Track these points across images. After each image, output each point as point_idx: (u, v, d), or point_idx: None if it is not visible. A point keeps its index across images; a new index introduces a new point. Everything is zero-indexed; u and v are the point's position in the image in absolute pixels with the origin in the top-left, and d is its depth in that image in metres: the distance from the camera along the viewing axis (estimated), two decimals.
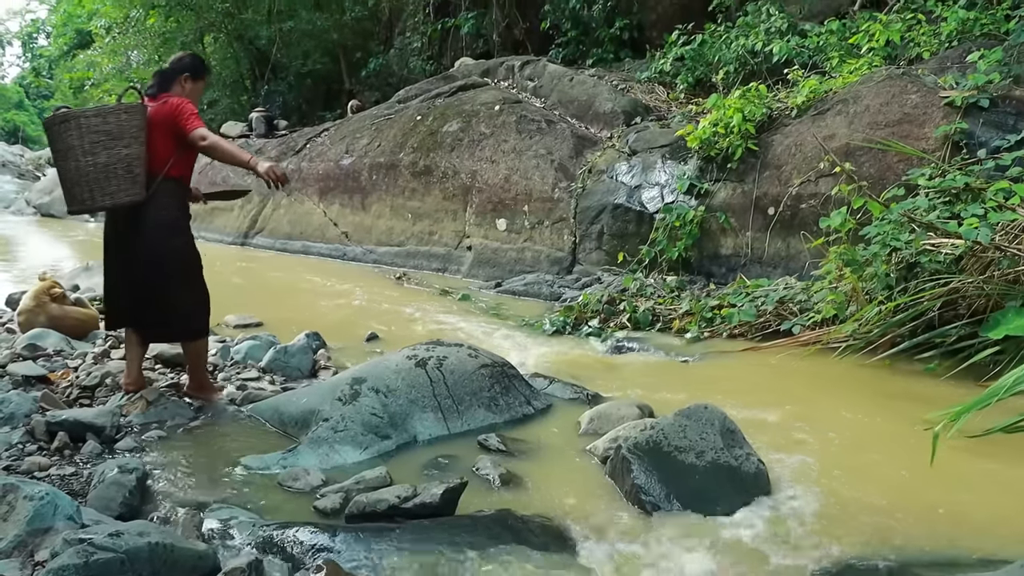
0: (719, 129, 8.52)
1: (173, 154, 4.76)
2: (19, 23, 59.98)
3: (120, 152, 4.53)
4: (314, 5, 19.98)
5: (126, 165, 4.56)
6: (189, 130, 4.65)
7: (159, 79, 4.92)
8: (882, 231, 6.10)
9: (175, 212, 4.85)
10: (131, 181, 4.58)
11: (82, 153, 4.50)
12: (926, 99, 7.64)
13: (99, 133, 4.49)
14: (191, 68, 4.98)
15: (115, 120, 4.51)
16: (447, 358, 4.72)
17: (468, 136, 10.99)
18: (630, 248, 8.78)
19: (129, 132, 4.55)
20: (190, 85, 4.97)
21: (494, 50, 16.13)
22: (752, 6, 11.63)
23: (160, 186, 4.72)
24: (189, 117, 4.68)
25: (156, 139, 4.70)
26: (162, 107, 4.74)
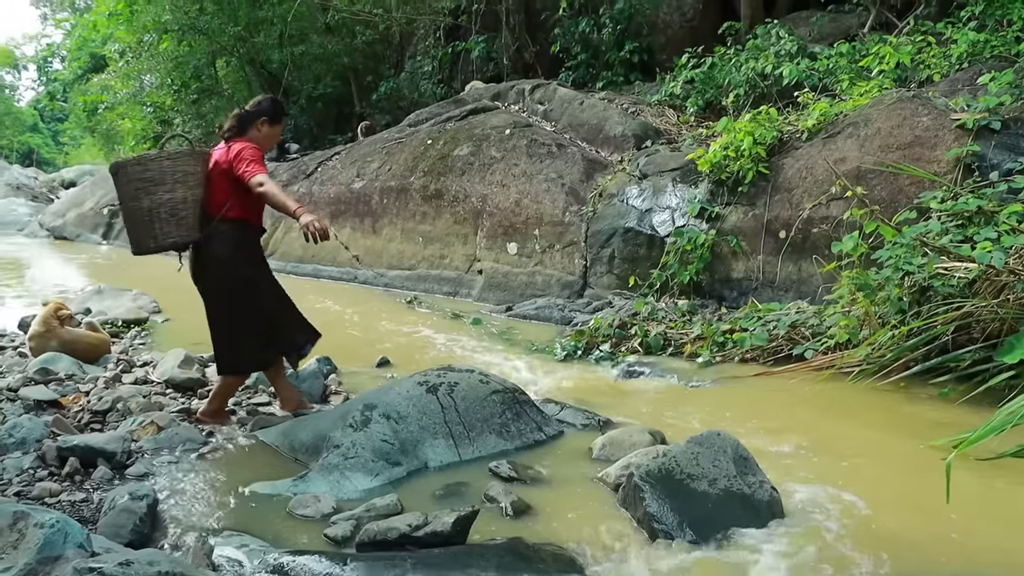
0: (730, 152, 8.51)
1: (230, 197, 4.90)
2: (35, 47, 60.50)
3: (162, 196, 4.68)
4: (325, 29, 20.09)
5: (170, 209, 4.71)
6: (247, 177, 4.76)
7: (237, 123, 5.06)
8: (894, 255, 6.08)
9: (227, 251, 4.94)
10: (176, 224, 4.75)
11: (130, 199, 4.71)
12: (937, 121, 7.62)
13: (143, 180, 4.64)
14: (268, 112, 5.11)
15: (156, 167, 4.67)
16: (458, 384, 4.71)
17: (479, 160, 11.01)
18: (641, 272, 8.77)
19: (172, 177, 4.69)
20: (266, 128, 5.12)
21: (504, 73, 16.19)
22: (762, 29, 11.65)
23: (216, 227, 4.89)
24: (249, 163, 4.79)
25: (216, 182, 4.89)
26: (227, 152, 4.92)
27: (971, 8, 9.62)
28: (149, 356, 6.99)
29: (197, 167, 4.82)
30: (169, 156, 4.73)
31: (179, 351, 6.43)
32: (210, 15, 20.28)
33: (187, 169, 4.75)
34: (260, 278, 5.17)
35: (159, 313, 9.26)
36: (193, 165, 4.79)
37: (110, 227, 17.05)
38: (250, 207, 5.05)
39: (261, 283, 5.16)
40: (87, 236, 17.22)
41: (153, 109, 25.75)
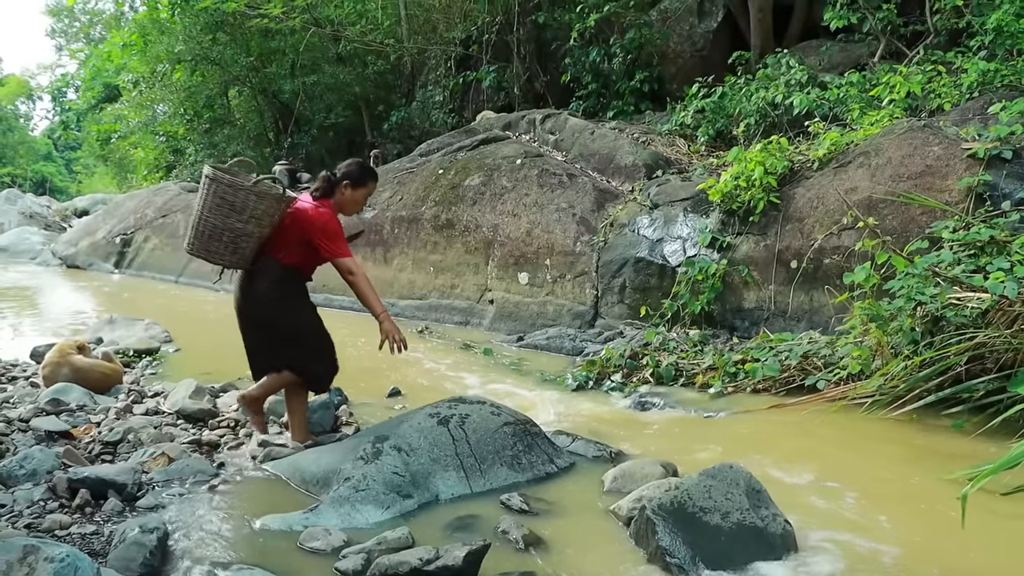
0: (741, 182, 8.51)
1: (293, 248, 5.05)
2: (50, 77, 61.07)
3: (233, 224, 4.84)
4: (337, 59, 20.22)
5: (233, 237, 4.87)
6: (334, 255, 4.99)
7: (325, 185, 5.19)
8: (907, 285, 6.06)
9: (270, 288, 5.08)
10: (231, 251, 4.92)
11: (205, 208, 4.85)
12: (948, 151, 7.62)
13: (225, 200, 4.79)
14: (353, 177, 5.22)
15: (243, 196, 4.81)
16: (470, 416, 4.70)
17: (490, 190, 11.03)
18: (652, 302, 8.76)
19: (251, 212, 4.84)
20: (350, 192, 5.23)
21: (515, 103, 16.25)
22: (772, 58, 11.69)
23: (267, 263, 5.05)
24: (336, 241, 5.00)
25: (287, 231, 5.03)
26: (311, 211, 5.05)
27: (980, 38, 9.64)
28: (160, 386, 6.99)
29: (276, 211, 4.96)
30: (257, 193, 4.85)
31: (190, 381, 6.43)
32: (223, 45, 20.47)
33: (267, 210, 4.90)
34: (302, 305, 5.25)
35: (170, 343, 9.27)
36: (274, 208, 4.93)
37: (122, 256, 17.10)
38: (307, 261, 5.19)
39: (303, 309, 5.25)
40: (99, 264, 17.27)
41: (166, 138, 25.96)
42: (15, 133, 61.55)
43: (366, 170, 5.38)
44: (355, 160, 5.51)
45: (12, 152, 58.81)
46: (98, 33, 40.68)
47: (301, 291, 5.24)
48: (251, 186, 4.85)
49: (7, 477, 4.46)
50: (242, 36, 20.37)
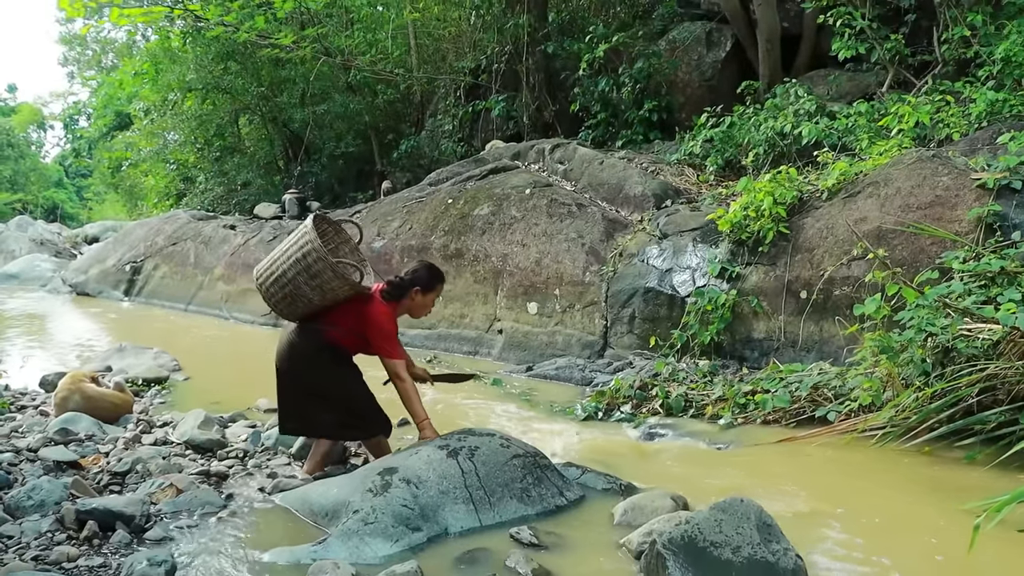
0: (750, 212, 8.51)
1: (344, 331, 5.19)
2: (62, 105, 61.53)
3: (300, 282, 4.99)
4: (347, 88, 20.34)
5: (293, 291, 5.04)
6: (387, 356, 5.14)
7: (395, 289, 5.30)
8: (917, 316, 6.04)
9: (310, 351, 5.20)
10: (286, 303, 5.11)
11: (286, 253, 5.03)
12: (957, 181, 7.61)
13: (306, 257, 4.93)
14: (423, 283, 5.36)
15: (321, 265, 4.93)
16: (479, 448, 4.68)
17: (499, 219, 11.05)
18: (662, 332, 8.75)
19: (319, 280, 4.97)
20: (420, 297, 5.37)
21: (524, 132, 16.31)
22: (780, 88, 11.71)
23: (313, 329, 5.19)
24: (387, 344, 5.15)
25: (344, 313, 5.17)
26: (374, 309, 5.18)
27: (988, 68, 9.65)
28: (169, 416, 6.99)
29: (343, 293, 5.08)
30: (335, 270, 4.95)
31: (199, 412, 6.42)
32: (233, 74, 20.62)
33: (335, 288, 5.02)
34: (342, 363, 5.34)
35: (179, 371, 9.28)
36: (343, 290, 5.05)
37: (132, 284, 17.14)
38: (351, 345, 5.31)
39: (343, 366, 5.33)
40: (109, 292, 17.30)
41: (176, 166, 26.11)
42: (27, 160, 61.96)
43: (435, 275, 5.47)
44: (423, 264, 5.57)
45: (24, 179, 59.18)
46: (110, 61, 41.00)
47: (341, 359, 5.31)
48: (333, 262, 4.97)
49: (15, 508, 4.45)
50: (253, 65, 20.53)
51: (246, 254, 14.70)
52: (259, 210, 18.46)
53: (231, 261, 14.91)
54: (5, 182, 56.02)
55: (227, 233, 16.12)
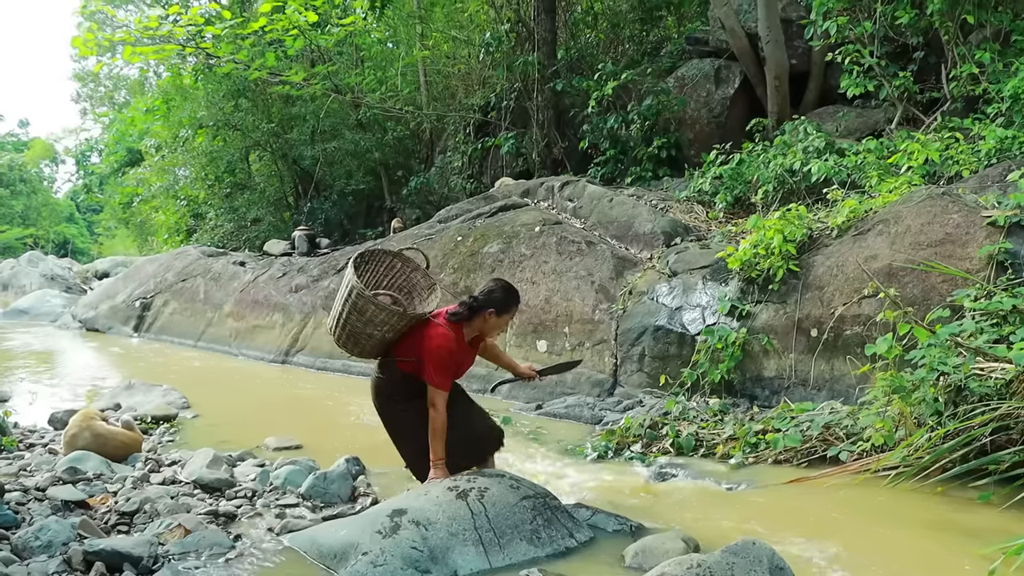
0: (760, 250, 8.50)
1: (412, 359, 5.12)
2: (74, 140, 62.01)
3: (354, 321, 5.09)
4: (357, 125, 20.46)
5: (352, 331, 5.14)
6: (431, 382, 5.02)
7: (467, 310, 5.20)
8: (929, 355, 6.01)
9: (389, 385, 5.27)
10: (353, 342, 5.20)
11: (340, 296, 5.18)
12: (968, 219, 7.60)
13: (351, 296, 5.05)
14: (498, 305, 5.23)
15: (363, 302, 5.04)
16: (488, 489, 4.65)
17: (508, 257, 11.05)
18: (672, 370, 8.70)
19: (368, 316, 5.06)
20: (493, 319, 5.26)
21: (533, 168, 16.37)
22: (789, 125, 11.73)
23: (390, 365, 5.23)
24: (440, 371, 5.03)
25: (410, 342, 5.15)
26: (435, 333, 5.09)
27: (997, 105, 9.67)
28: (177, 454, 6.96)
29: (399, 324, 5.13)
30: (376, 304, 5.05)
31: (208, 451, 6.41)
32: (244, 111, 20.77)
33: (386, 320, 5.09)
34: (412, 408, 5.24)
35: (188, 408, 9.27)
36: (395, 321, 5.11)
37: (141, 319, 17.17)
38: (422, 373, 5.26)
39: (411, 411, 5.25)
40: (118, 328, 17.33)
41: (186, 202, 26.23)
42: (39, 195, 62.45)
43: (510, 296, 5.35)
44: (499, 284, 5.43)
45: (36, 214, 59.62)
46: (122, 97, 41.30)
47: (414, 394, 5.21)
48: (370, 295, 5.07)
49: (22, 548, 4.43)
50: (264, 102, 20.69)
51: (255, 291, 14.73)
52: (269, 247, 18.51)
53: (240, 298, 14.94)
54: (17, 217, 56.41)
55: (237, 270, 16.16)
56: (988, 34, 10.73)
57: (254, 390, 11.19)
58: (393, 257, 5.69)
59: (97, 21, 26.94)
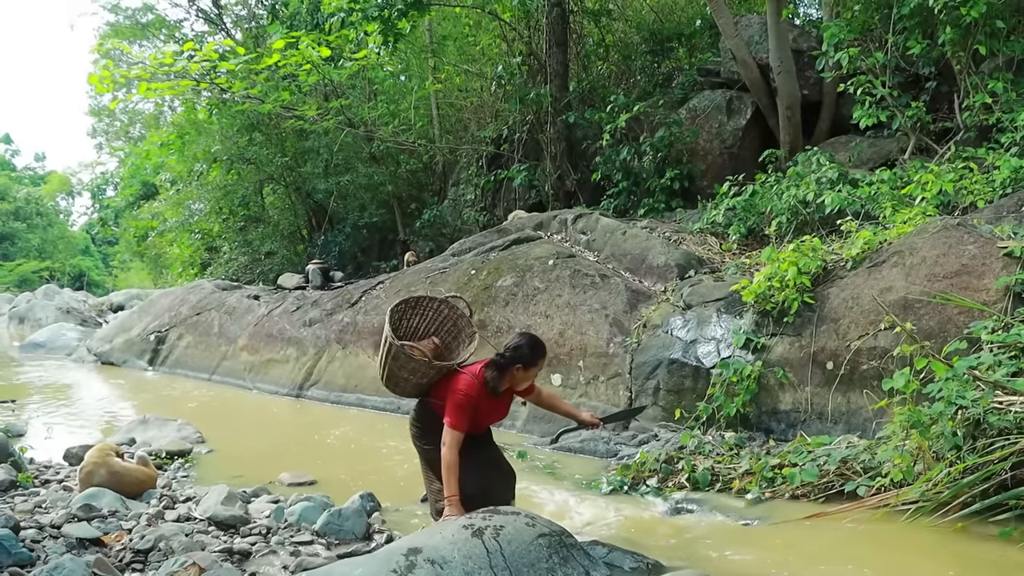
0: (774, 283, 8.47)
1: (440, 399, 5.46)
2: (90, 174, 62.49)
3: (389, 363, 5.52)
4: (370, 158, 20.56)
5: (391, 375, 5.58)
6: (448, 420, 5.28)
7: (496, 369, 5.43)
8: (947, 389, 5.97)
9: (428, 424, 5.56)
10: (393, 384, 5.62)
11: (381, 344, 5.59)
12: (984, 250, 7.58)
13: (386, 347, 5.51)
14: (524, 360, 5.45)
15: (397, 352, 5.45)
16: (504, 527, 4.62)
17: (522, 291, 11.04)
18: (687, 404, 8.66)
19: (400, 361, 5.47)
20: (521, 373, 5.48)
21: (546, 200, 16.41)
22: (802, 156, 11.75)
23: (426, 404, 5.61)
24: (457, 412, 5.28)
25: (443, 386, 5.48)
26: (461, 379, 5.43)
27: (1011, 135, 9.67)
28: (192, 490, 6.96)
29: (431, 373, 5.53)
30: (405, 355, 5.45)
31: (222, 487, 6.39)
32: (258, 145, 20.89)
33: (416, 368, 5.49)
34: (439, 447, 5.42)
35: (203, 443, 9.27)
36: (427, 371, 5.52)
37: (156, 353, 17.18)
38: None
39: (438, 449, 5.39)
40: (133, 362, 17.35)
41: (201, 236, 26.34)
42: (55, 228, 62.93)
43: (536, 351, 5.54)
44: (525, 339, 5.60)
45: (52, 247, 60.05)
46: (137, 132, 41.59)
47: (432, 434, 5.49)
48: (398, 345, 5.44)
49: None
50: (277, 136, 20.81)
51: (269, 324, 14.74)
52: (283, 280, 18.55)
53: (255, 331, 14.95)
54: (33, 250, 56.81)
55: (251, 303, 16.19)
56: (1000, 63, 10.75)
57: (268, 424, 11.18)
58: (440, 303, 6.06)
59: (113, 58, 27.16)
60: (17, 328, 27.82)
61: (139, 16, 29.82)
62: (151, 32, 29.92)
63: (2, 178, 63.21)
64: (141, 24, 29.85)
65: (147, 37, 30.42)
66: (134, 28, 30.04)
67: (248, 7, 26.29)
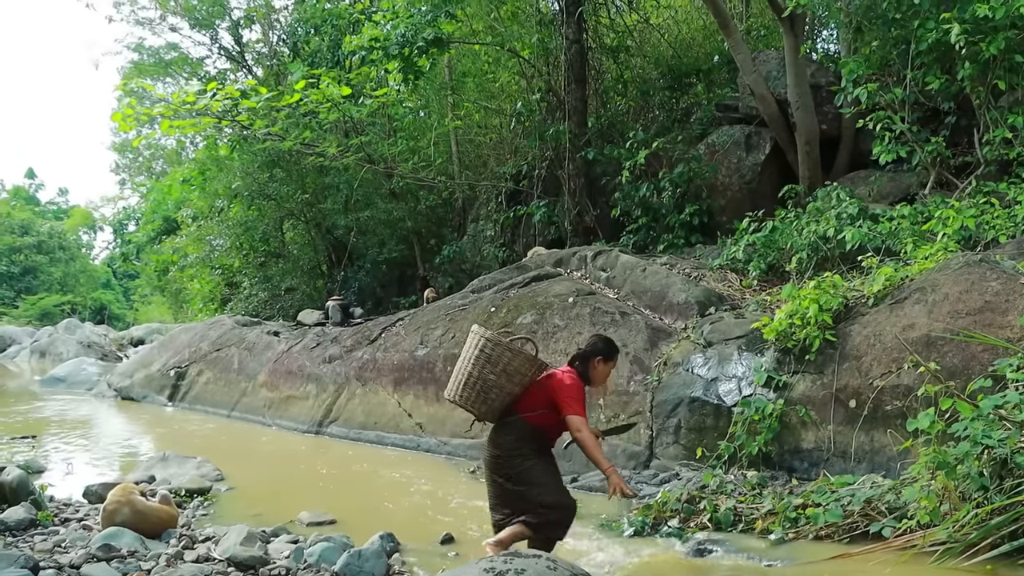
0: (795, 320, 8.41)
1: (540, 410, 5.60)
2: (112, 209, 63.01)
3: (487, 375, 5.48)
4: (390, 194, 20.66)
5: (484, 386, 5.51)
6: (568, 412, 5.46)
7: (578, 361, 5.81)
8: (973, 429, 5.90)
9: (514, 443, 5.60)
10: (481, 400, 5.57)
11: (468, 359, 5.56)
12: (1007, 286, 7.53)
13: (483, 352, 5.49)
14: (604, 352, 5.83)
15: (499, 351, 5.50)
16: (526, 571, 4.56)
17: (542, 328, 11.00)
18: (708, 443, 8.57)
19: (503, 364, 5.48)
20: (601, 366, 5.81)
21: (565, 236, 16.41)
22: (822, 191, 11.70)
23: (515, 422, 5.60)
24: (572, 402, 5.50)
25: (536, 393, 5.61)
26: (559, 376, 5.67)
27: None
28: (211, 530, 6.95)
29: (527, 371, 5.56)
30: (514, 352, 5.53)
31: (241, 527, 6.39)
32: (279, 182, 21.06)
33: (519, 368, 5.51)
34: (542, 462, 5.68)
35: (222, 481, 9.27)
36: (525, 367, 5.55)
37: (176, 389, 17.22)
38: (552, 424, 5.66)
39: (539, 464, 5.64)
40: (153, 397, 17.40)
41: (221, 271, 26.49)
42: (77, 262, 63.38)
43: (611, 344, 5.93)
44: (597, 336, 6.13)
45: (74, 280, 60.45)
46: (160, 167, 41.99)
47: (542, 449, 5.72)
48: (507, 342, 5.57)
49: None
50: (298, 173, 20.96)
51: (289, 361, 14.76)
52: (303, 316, 18.59)
53: (274, 368, 14.97)
54: (55, 284, 57.18)
55: (271, 339, 16.23)
56: (1020, 97, 10.71)
57: (288, 461, 11.16)
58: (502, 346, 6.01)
59: (136, 96, 27.45)
60: (38, 362, 28.04)
61: (163, 54, 30.14)
62: (174, 69, 30.24)
63: (26, 213, 63.77)
64: (164, 62, 30.18)
65: (170, 74, 30.75)
66: (158, 66, 30.38)
67: (270, 45, 26.57)
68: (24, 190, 73.31)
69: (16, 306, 51.23)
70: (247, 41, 27.63)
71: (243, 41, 27.48)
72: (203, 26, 26.98)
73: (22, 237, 57.61)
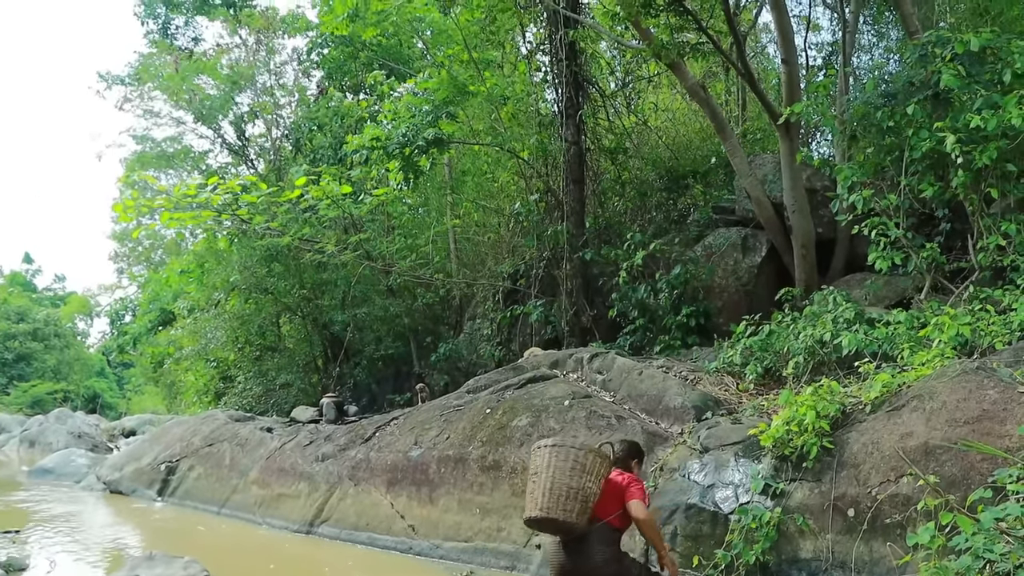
0: (792, 427, 8.35)
1: (615, 511, 6.03)
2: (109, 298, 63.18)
3: (585, 483, 5.76)
4: (387, 291, 20.73)
5: (584, 497, 5.77)
6: (629, 497, 6.03)
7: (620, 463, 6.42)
8: (974, 543, 5.81)
9: (609, 553, 5.96)
10: (581, 512, 5.78)
11: (558, 472, 5.78)
12: (1004, 394, 7.48)
13: (578, 462, 5.79)
14: (640, 455, 6.79)
15: (592, 458, 5.87)
16: None
17: (537, 431, 10.90)
18: (705, 551, 8.43)
19: (596, 472, 5.85)
20: (637, 468, 6.60)
21: (562, 336, 16.41)
22: (818, 295, 11.73)
23: (601, 528, 5.93)
24: (636, 491, 6.11)
25: (607, 496, 6.01)
26: (619, 476, 6.22)
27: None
28: None
29: (603, 469, 5.96)
30: (601, 455, 5.97)
31: None
32: (277, 276, 21.16)
33: (600, 471, 5.92)
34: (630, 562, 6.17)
35: None
36: (606, 469, 6.00)
37: (166, 483, 17.02)
38: (627, 524, 6.15)
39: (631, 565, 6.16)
40: (143, 491, 17.19)
41: (216, 364, 26.44)
42: (71, 350, 63.32)
43: (641, 448, 6.85)
44: (629, 441, 6.95)
45: (67, 368, 60.34)
46: (159, 257, 42.18)
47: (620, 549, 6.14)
48: (598, 448, 5.95)
49: None
50: (296, 268, 21.08)
51: (281, 458, 14.62)
52: (296, 413, 18.51)
53: (266, 465, 14.82)
54: (49, 371, 57.04)
55: (264, 436, 16.11)
56: (1012, 204, 10.81)
57: (277, 562, 10.97)
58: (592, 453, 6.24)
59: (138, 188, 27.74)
60: (27, 452, 27.81)
61: (166, 146, 30.53)
62: (177, 162, 30.61)
63: (23, 299, 63.92)
64: (167, 154, 30.56)
65: (172, 166, 31.11)
66: (160, 158, 30.75)
67: (272, 140, 26.95)
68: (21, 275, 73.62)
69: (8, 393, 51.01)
70: (250, 135, 28.03)
71: (246, 135, 27.87)
72: (207, 120, 27.39)
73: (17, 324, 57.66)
